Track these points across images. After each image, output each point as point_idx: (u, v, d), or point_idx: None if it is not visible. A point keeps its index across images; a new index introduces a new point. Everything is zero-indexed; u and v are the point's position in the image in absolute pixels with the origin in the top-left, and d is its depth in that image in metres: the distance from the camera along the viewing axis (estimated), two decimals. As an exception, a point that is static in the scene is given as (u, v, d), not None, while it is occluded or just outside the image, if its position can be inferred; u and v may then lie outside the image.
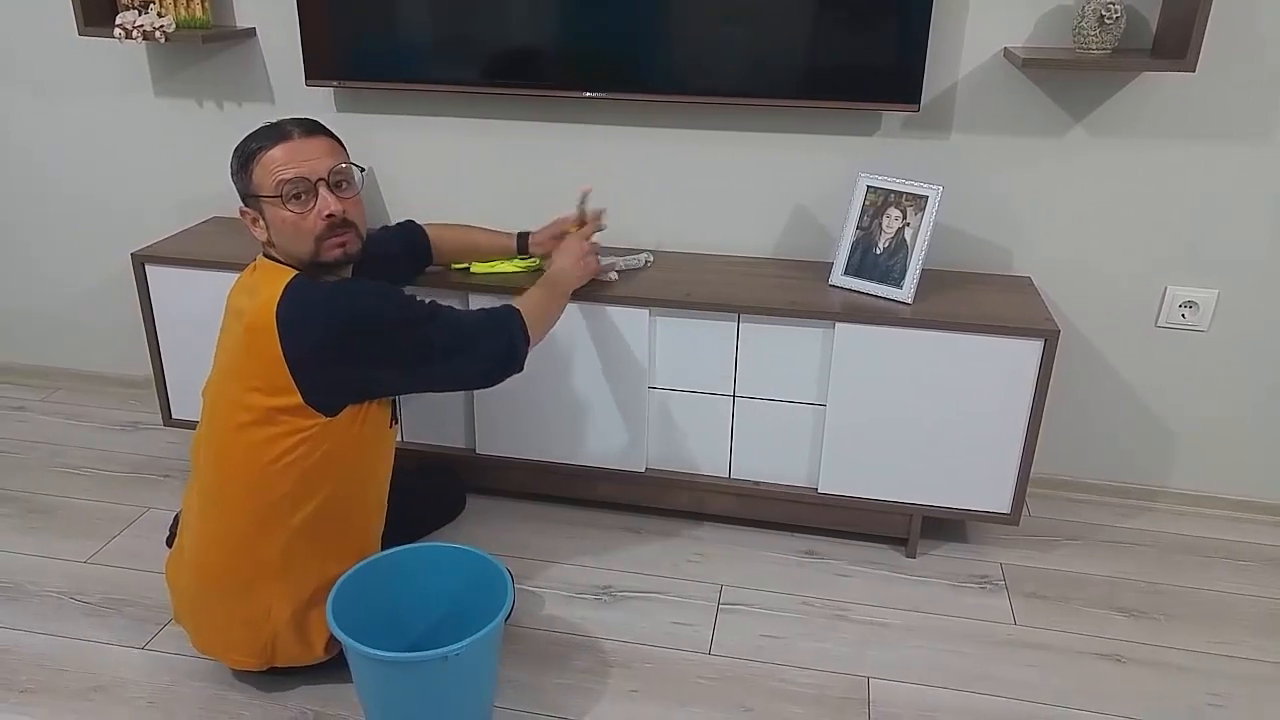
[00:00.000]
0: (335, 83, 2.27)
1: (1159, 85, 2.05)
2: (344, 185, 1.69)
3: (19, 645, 1.87)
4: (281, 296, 1.61)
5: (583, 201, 2.09)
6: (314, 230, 1.65)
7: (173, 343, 2.32)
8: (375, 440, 1.76)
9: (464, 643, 1.55)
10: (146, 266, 2.25)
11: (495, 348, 1.75)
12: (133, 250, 2.27)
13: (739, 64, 2.13)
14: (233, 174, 1.69)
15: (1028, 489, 2.40)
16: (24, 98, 2.56)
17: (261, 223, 1.67)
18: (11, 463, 2.50)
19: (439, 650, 1.55)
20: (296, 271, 1.65)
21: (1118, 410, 2.34)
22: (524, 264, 2.18)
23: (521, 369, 1.79)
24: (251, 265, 1.75)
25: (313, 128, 1.69)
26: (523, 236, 2.17)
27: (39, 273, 2.78)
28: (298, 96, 2.38)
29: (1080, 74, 2.08)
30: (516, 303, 1.83)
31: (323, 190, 1.65)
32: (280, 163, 1.64)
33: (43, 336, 2.87)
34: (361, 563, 1.72)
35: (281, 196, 1.63)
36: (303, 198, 1.64)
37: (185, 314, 2.27)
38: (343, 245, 1.69)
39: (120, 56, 2.45)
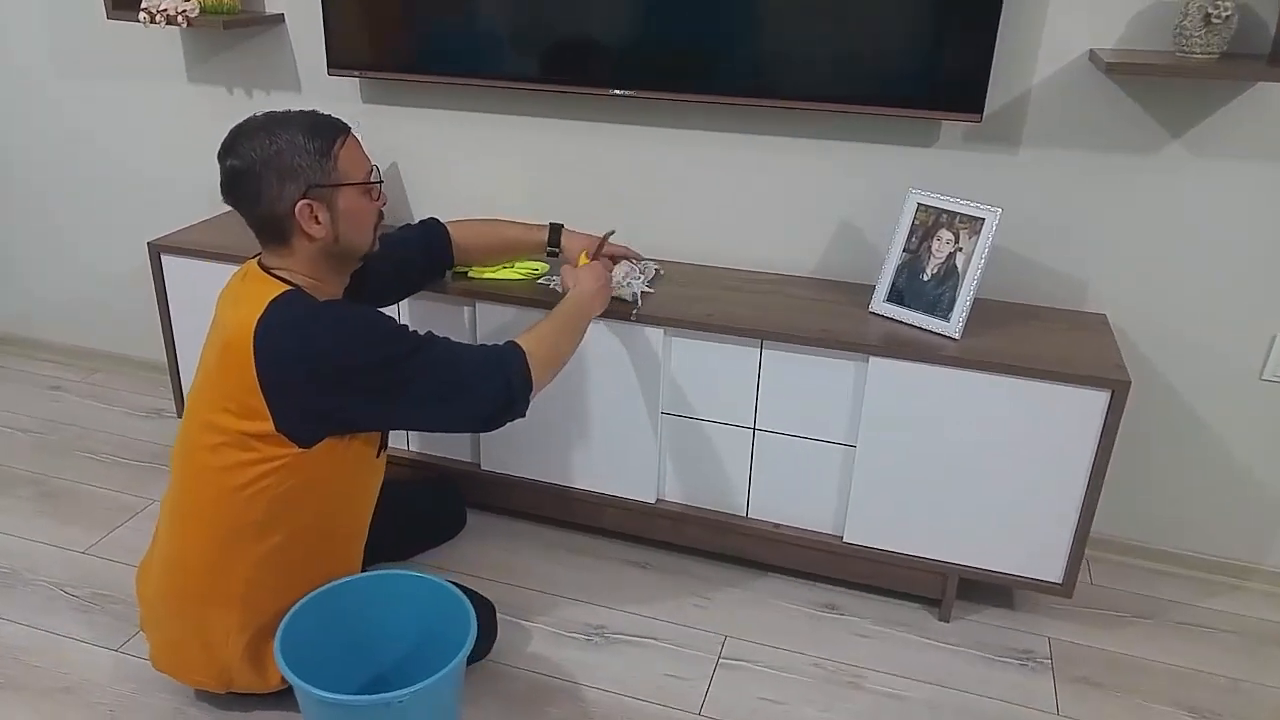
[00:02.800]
0: (356, 73, 2.17)
1: (1277, 97, 1.75)
2: None
3: (1, 635, 1.85)
4: (263, 315, 1.49)
5: (605, 239, 1.94)
6: (373, 221, 1.63)
7: (187, 332, 2.27)
8: (356, 472, 1.64)
9: (409, 690, 1.42)
10: (162, 256, 2.21)
11: (488, 393, 1.57)
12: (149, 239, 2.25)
13: (783, 63, 1.92)
14: (296, 167, 1.51)
15: (1093, 553, 2.14)
16: (64, 84, 2.57)
17: (326, 217, 1.54)
18: (37, 443, 2.52)
19: (382, 695, 1.43)
20: (287, 287, 1.53)
21: (1210, 472, 2.03)
22: (525, 270, 2.04)
23: (522, 414, 1.62)
24: (242, 270, 1.63)
25: None
26: (555, 230, 2.00)
27: (80, 256, 2.80)
28: (323, 86, 2.31)
29: (1180, 82, 1.79)
30: (524, 339, 1.64)
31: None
32: (360, 151, 1.60)
33: (84, 318, 2.90)
34: (324, 588, 1.61)
35: (370, 184, 1.59)
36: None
37: (200, 304, 2.17)
38: (379, 236, 1.66)
39: (155, 42, 2.42)
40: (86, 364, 2.94)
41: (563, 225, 2.01)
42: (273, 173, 1.50)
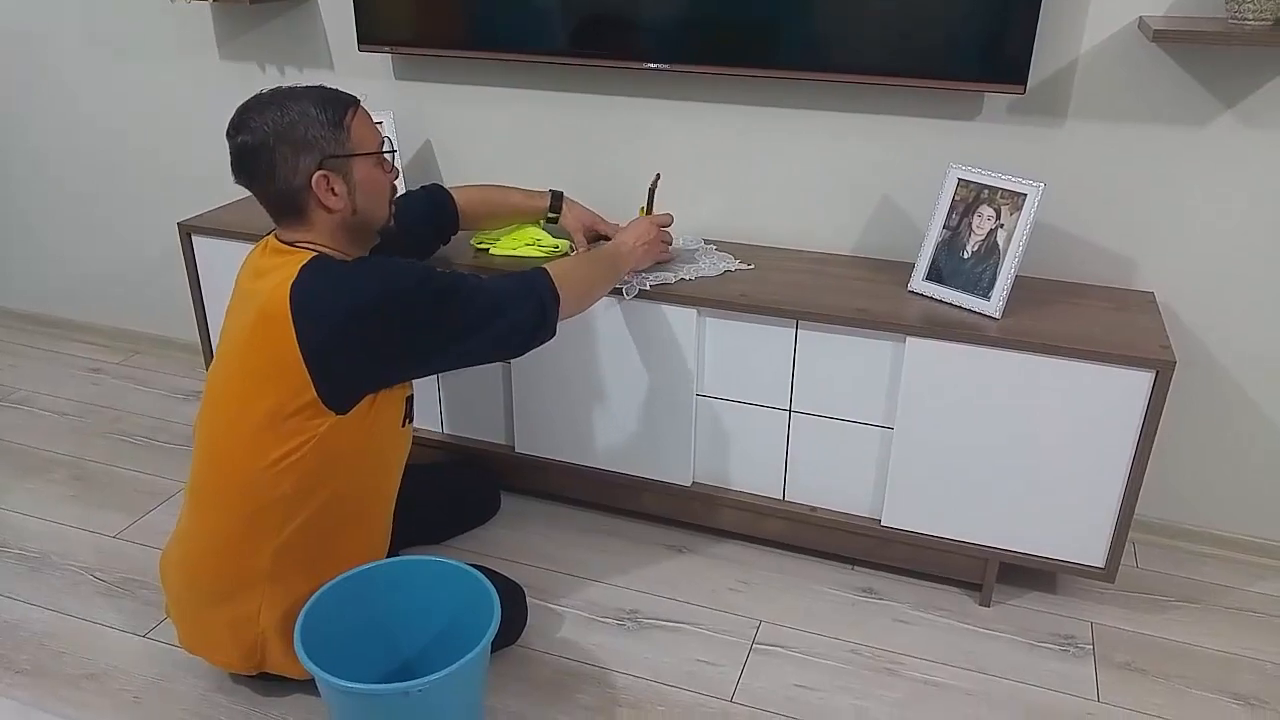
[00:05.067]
0: (388, 49, 2.14)
1: (1335, 66, 1.68)
2: None
3: (28, 621, 1.85)
4: (297, 279, 1.48)
5: (653, 186, 1.92)
6: (389, 193, 1.62)
7: (219, 313, 2.24)
8: (383, 441, 1.63)
9: (427, 679, 1.40)
10: (193, 236, 2.20)
11: (524, 312, 1.61)
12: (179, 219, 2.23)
13: (818, 36, 1.87)
14: (311, 138, 1.49)
15: (1140, 536, 2.09)
16: (96, 62, 2.56)
17: (343, 188, 1.53)
18: (73, 426, 2.52)
19: (399, 684, 1.41)
20: (313, 254, 1.52)
21: (1260, 454, 1.97)
22: (548, 248, 2.02)
23: (554, 333, 1.65)
24: (261, 244, 1.62)
25: None
26: (556, 197, 2.01)
27: (117, 236, 2.80)
28: (355, 62, 2.28)
29: (1232, 51, 1.72)
30: (551, 265, 1.68)
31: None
32: (371, 122, 1.58)
33: (123, 300, 2.90)
34: (346, 574, 1.59)
35: (383, 154, 1.59)
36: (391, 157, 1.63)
37: (231, 285, 2.20)
38: (395, 208, 1.66)
39: (185, 19, 2.40)
40: (128, 346, 2.95)
41: (563, 193, 2.01)
42: (286, 146, 1.49)
